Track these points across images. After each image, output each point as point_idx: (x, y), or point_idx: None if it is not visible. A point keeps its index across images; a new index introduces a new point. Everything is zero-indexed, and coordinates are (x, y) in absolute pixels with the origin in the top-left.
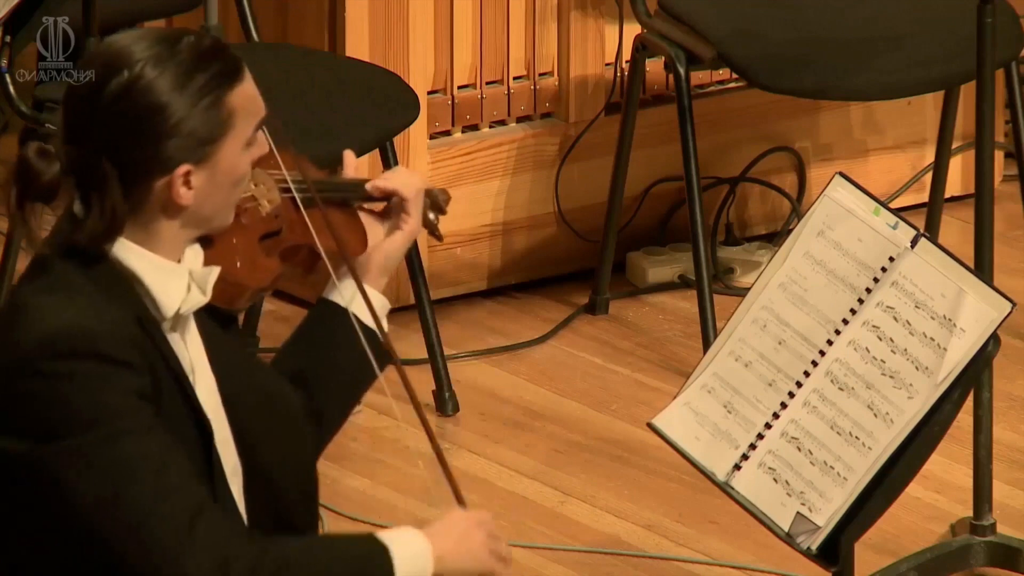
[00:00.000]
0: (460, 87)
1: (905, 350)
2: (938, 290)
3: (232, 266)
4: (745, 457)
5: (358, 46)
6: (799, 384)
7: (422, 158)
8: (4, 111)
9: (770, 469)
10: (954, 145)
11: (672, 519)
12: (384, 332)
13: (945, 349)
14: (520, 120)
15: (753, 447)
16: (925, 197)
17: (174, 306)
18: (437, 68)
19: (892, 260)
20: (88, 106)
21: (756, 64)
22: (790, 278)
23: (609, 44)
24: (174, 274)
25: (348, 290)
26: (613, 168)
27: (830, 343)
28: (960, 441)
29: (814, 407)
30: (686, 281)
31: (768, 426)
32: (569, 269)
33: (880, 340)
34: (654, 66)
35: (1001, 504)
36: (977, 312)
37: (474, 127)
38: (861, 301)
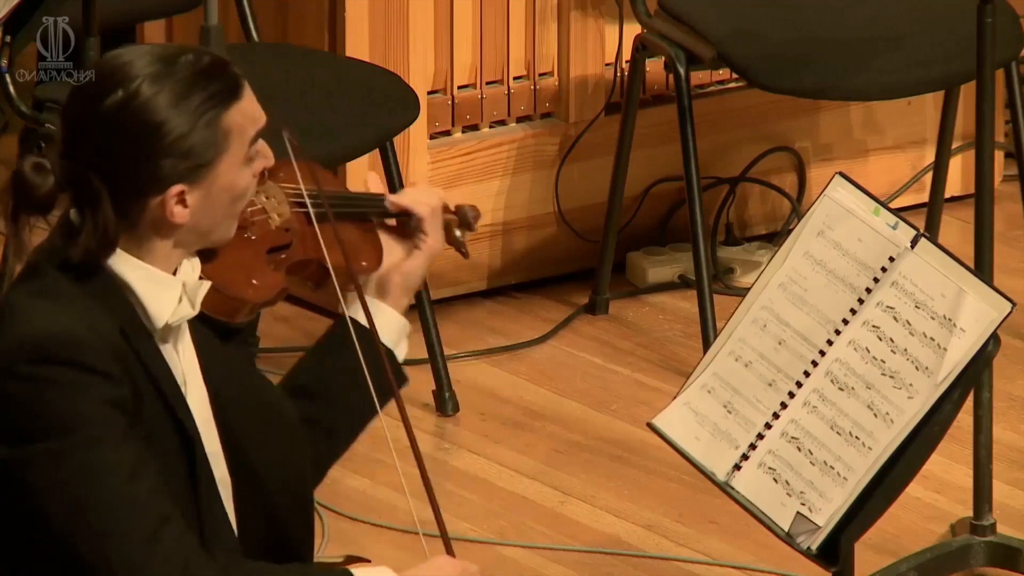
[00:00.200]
0: (460, 87)
1: (905, 350)
2: (938, 290)
3: (233, 279)
4: (745, 457)
5: (358, 46)
6: (799, 384)
7: (422, 158)
8: (4, 111)
9: (770, 469)
10: (954, 145)
11: (672, 519)
12: (394, 353)
13: (945, 349)
14: (520, 120)
15: (753, 447)
16: (925, 197)
17: (164, 317)
18: (437, 68)
19: (892, 260)
20: (84, 121)
21: (756, 64)
22: (790, 278)
23: (609, 44)
24: (167, 285)
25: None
26: (613, 168)
27: (830, 343)
28: (960, 441)
29: (814, 407)
30: (686, 281)
31: (768, 426)
32: (569, 269)
33: (880, 340)
34: (654, 66)
35: (1001, 504)
36: (977, 312)
37: (474, 127)
38: (861, 301)
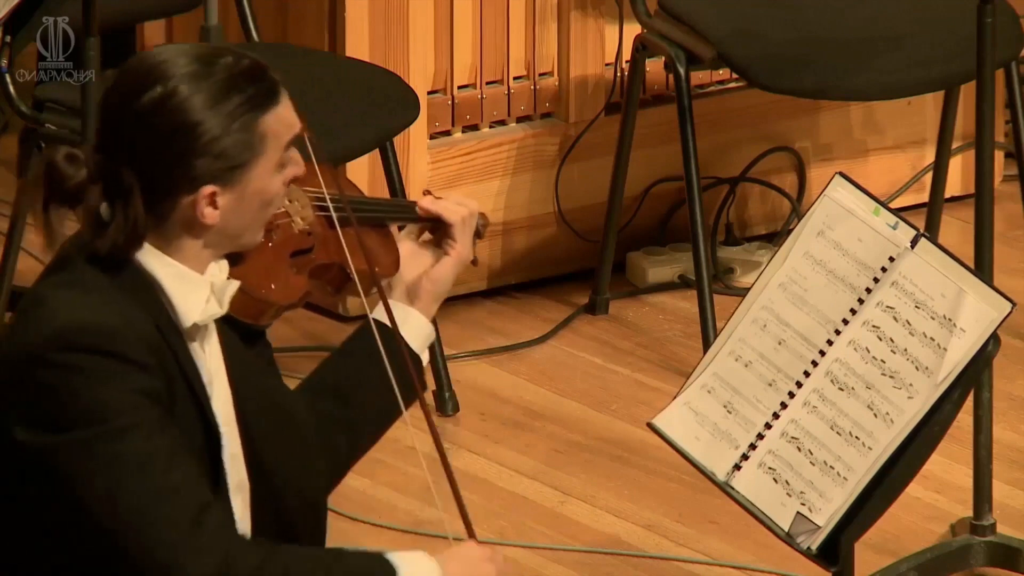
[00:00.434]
0: (460, 87)
1: (905, 350)
2: (938, 290)
3: (259, 282)
4: (745, 457)
5: (358, 46)
6: (799, 384)
7: (422, 158)
8: (4, 111)
9: (770, 469)
10: (954, 145)
11: (672, 519)
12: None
13: (945, 349)
14: (520, 120)
15: (753, 447)
16: (925, 197)
17: (193, 316)
18: (437, 68)
19: (892, 260)
20: (119, 116)
21: (756, 64)
22: (790, 278)
23: (609, 44)
24: (195, 284)
25: (397, 311)
26: (613, 168)
27: (830, 343)
28: (960, 441)
29: (814, 407)
30: (686, 281)
31: (768, 426)
32: (569, 269)
33: (880, 340)
34: (654, 66)
35: (1001, 504)
36: (977, 312)
37: (474, 127)
38: (861, 301)
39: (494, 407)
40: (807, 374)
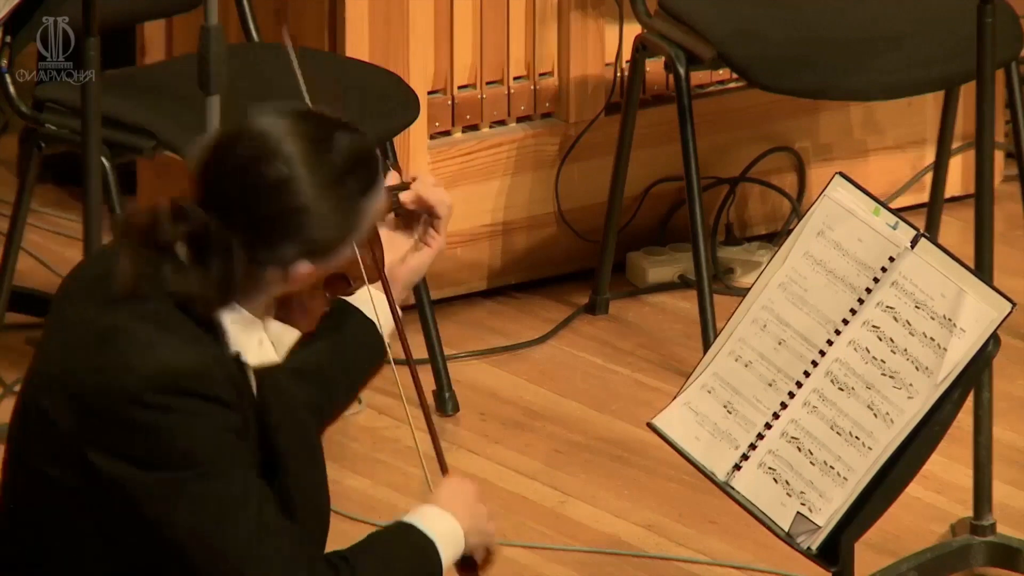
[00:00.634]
0: (460, 87)
1: (905, 350)
2: (938, 290)
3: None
4: (745, 457)
5: (358, 46)
6: (799, 384)
7: (422, 158)
8: (4, 111)
9: (770, 469)
10: (954, 145)
11: (672, 519)
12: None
13: (945, 349)
14: (520, 120)
15: (753, 447)
16: (925, 197)
17: (248, 357)
18: (437, 68)
19: (892, 260)
20: (236, 185)
21: (756, 64)
22: (790, 278)
23: (609, 44)
24: (251, 327)
25: (377, 299)
26: (613, 168)
27: (830, 343)
28: (960, 441)
29: (814, 407)
30: (686, 281)
31: (768, 426)
32: (569, 269)
33: (880, 340)
34: (654, 66)
35: (1001, 504)
36: (977, 312)
37: (474, 127)
38: (861, 301)
39: (494, 407)
40: (807, 374)
